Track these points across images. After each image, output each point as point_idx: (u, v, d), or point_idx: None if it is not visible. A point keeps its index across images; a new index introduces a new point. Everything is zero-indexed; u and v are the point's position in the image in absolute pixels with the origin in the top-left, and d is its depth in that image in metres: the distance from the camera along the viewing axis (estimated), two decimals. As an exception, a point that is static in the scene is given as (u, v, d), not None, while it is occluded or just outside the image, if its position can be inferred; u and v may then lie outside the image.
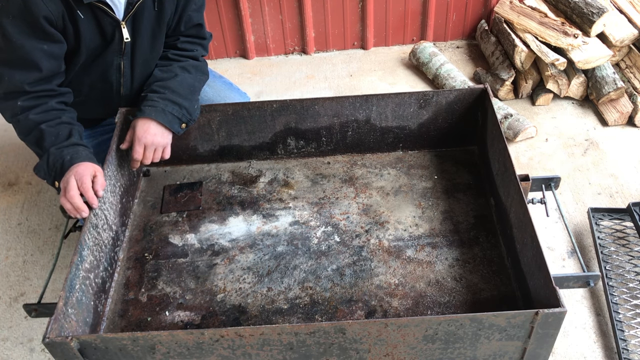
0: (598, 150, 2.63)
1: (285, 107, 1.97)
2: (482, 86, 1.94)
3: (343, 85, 3.13)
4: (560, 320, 1.33)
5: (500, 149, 1.76)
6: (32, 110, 1.73)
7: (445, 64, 3.01)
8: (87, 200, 1.63)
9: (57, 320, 1.37)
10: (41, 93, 1.75)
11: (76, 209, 1.61)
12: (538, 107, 2.87)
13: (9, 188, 2.66)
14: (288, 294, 1.68)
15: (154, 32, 1.91)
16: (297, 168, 2.06)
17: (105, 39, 1.83)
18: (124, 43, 1.85)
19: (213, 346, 1.37)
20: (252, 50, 3.30)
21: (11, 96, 1.74)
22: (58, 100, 1.79)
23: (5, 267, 2.31)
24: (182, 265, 1.77)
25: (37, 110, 1.73)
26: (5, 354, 2.04)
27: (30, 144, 1.79)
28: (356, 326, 1.34)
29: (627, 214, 2.20)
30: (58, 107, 1.78)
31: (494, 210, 1.85)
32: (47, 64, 1.72)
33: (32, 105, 1.73)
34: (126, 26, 1.82)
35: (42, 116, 1.73)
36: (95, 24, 1.77)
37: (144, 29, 1.87)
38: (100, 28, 1.79)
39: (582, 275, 1.50)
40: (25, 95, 1.73)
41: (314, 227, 1.86)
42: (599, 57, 2.67)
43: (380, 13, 3.21)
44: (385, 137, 2.06)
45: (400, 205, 1.90)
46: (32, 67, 1.70)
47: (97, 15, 1.76)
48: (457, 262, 1.73)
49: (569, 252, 2.21)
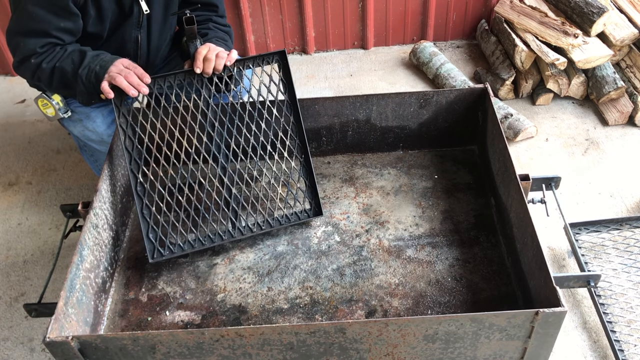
0: (598, 150, 2.63)
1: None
2: (482, 86, 1.94)
3: (343, 85, 3.13)
4: (561, 320, 1.33)
5: (501, 149, 1.76)
6: (43, 62, 1.83)
7: (445, 63, 3.01)
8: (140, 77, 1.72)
9: (58, 320, 1.37)
10: (49, 51, 1.85)
11: (136, 85, 1.70)
12: (538, 107, 2.87)
13: (9, 188, 2.66)
14: (288, 294, 1.68)
15: (167, 4, 1.97)
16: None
17: (123, 12, 1.89)
18: (142, 15, 1.91)
19: (213, 346, 1.37)
20: (252, 50, 3.30)
21: (26, 59, 1.84)
22: (60, 46, 1.87)
23: (6, 267, 2.31)
24: (182, 265, 1.77)
25: (46, 59, 1.83)
26: (6, 353, 2.04)
27: (60, 87, 1.90)
28: (356, 326, 1.34)
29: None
30: (60, 48, 1.85)
31: (494, 210, 1.85)
32: (62, 37, 1.83)
33: (42, 59, 1.83)
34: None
35: (52, 61, 1.83)
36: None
37: (158, 1, 1.94)
38: (119, 1, 1.86)
39: (582, 275, 1.50)
40: (36, 55, 1.83)
41: (314, 226, 1.86)
42: (599, 56, 2.67)
43: (380, 13, 3.21)
44: (385, 137, 2.06)
45: (401, 205, 1.90)
46: (47, 37, 1.82)
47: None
48: (457, 262, 1.73)
49: (569, 252, 2.21)
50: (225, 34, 2.06)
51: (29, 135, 2.95)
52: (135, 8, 1.90)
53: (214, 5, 2.09)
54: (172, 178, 1.81)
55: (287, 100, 1.86)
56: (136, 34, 1.96)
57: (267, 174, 1.89)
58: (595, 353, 1.92)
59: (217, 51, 1.76)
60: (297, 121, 1.86)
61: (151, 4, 1.92)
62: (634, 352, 1.85)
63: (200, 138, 1.80)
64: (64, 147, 2.85)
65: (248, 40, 3.25)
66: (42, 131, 2.96)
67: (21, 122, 3.03)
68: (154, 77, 1.75)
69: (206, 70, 1.75)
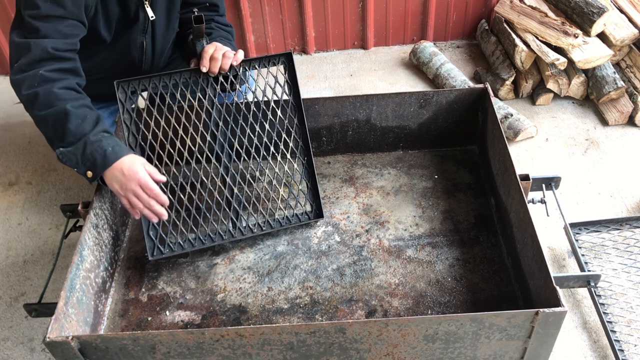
0: (598, 150, 2.63)
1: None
2: (482, 86, 1.94)
3: (343, 85, 3.13)
4: (561, 320, 1.33)
5: (501, 149, 1.76)
6: (56, 83, 1.60)
7: (445, 63, 3.01)
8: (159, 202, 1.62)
9: (58, 320, 1.37)
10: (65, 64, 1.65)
11: (159, 214, 1.63)
12: (538, 107, 2.87)
13: (9, 188, 2.66)
14: (288, 294, 1.68)
15: (169, 9, 1.97)
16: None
17: (129, 18, 1.87)
18: (148, 22, 1.90)
19: (213, 346, 1.37)
20: (252, 50, 3.30)
21: (33, 66, 1.60)
22: (78, 81, 1.69)
23: (6, 267, 2.31)
24: (182, 265, 1.77)
25: (60, 84, 1.61)
26: (6, 353, 2.04)
27: (46, 122, 1.61)
28: (356, 326, 1.34)
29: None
30: (79, 89, 1.68)
31: (494, 210, 1.85)
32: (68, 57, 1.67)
33: (56, 78, 1.61)
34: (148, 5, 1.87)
35: (65, 93, 1.61)
36: (120, 5, 1.82)
37: (160, 7, 1.93)
38: (125, 8, 1.84)
39: (582, 275, 1.50)
40: (50, 62, 1.62)
41: (314, 226, 1.86)
42: (599, 56, 2.67)
43: (380, 13, 3.21)
44: (385, 137, 2.06)
45: (401, 205, 1.90)
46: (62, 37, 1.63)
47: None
48: (457, 262, 1.73)
49: (569, 252, 2.21)
50: (228, 34, 2.06)
51: (29, 135, 2.95)
52: (141, 14, 1.88)
53: (215, 5, 2.09)
54: (174, 176, 1.81)
55: (292, 102, 1.86)
56: (141, 40, 1.94)
57: (269, 174, 1.89)
58: (595, 353, 1.92)
59: (224, 50, 1.76)
60: (301, 123, 1.86)
61: (155, 9, 1.92)
62: (634, 352, 1.85)
63: (204, 137, 1.80)
64: (64, 147, 2.85)
65: (248, 40, 3.25)
66: (42, 131, 2.96)
67: (21, 122, 3.03)
68: (159, 74, 1.75)
69: (212, 70, 1.75)
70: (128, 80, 1.73)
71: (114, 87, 1.75)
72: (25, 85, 1.60)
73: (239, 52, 1.78)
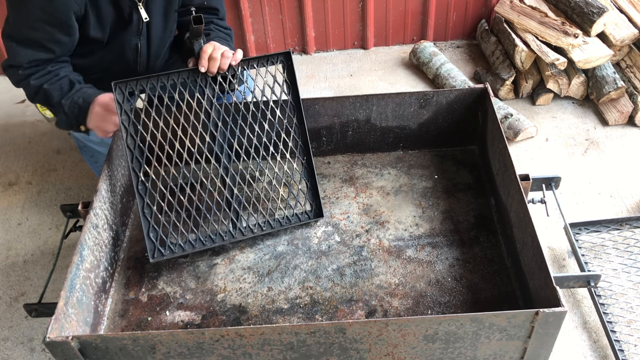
0: (598, 150, 2.63)
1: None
2: (482, 86, 1.94)
3: (343, 84, 3.13)
4: (561, 320, 1.33)
5: (501, 149, 1.76)
6: (31, 77, 1.83)
7: (445, 63, 3.01)
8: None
9: (58, 320, 1.37)
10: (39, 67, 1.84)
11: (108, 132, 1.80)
12: (538, 107, 2.87)
13: (9, 188, 2.66)
14: (288, 294, 1.68)
15: (166, 11, 1.97)
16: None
17: (123, 19, 1.89)
18: (142, 23, 1.91)
19: (213, 346, 1.37)
20: (252, 50, 3.30)
21: (14, 67, 1.84)
22: (53, 63, 1.86)
23: (6, 267, 2.31)
24: (182, 265, 1.77)
25: (35, 76, 1.83)
26: (6, 353, 2.04)
27: (40, 103, 1.91)
28: (356, 326, 1.34)
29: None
30: (53, 68, 1.85)
31: (494, 210, 1.85)
32: (56, 49, 1.83)
33: (30, 73, 1.83)
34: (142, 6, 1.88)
35: (40, 80, 1.83)
36: (113, 6, 1.84)
37: (157, 9, 1.94)
38: (118, 9, 1.86)
39: (582, 275, 1.50)
40: (24, 68, 1.83)
41: (314, 226, 1.86)
42: (599, 56, 2.67)
43: (380, 13, 3.21)
44: (385, 137, 2.06)
45: (401, 205, 1.90)
46: (39, 50, 1.81)
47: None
48: (457, 262, 1.73)
49: (569, 252, 2.21)
50: (226, 36, 2.06)
51: (29, 135, 2.95)
52: (134, 16, 1.88)
53: (215, 8, 2.09)
54: (173, 177, 1.81)
55: (291, 102, 1.86)
56: (136, 42, 1.95)
57: (269, 174, 1.89)
58: (595, 353, 1.92)
59: (223, 50, 1.74)
60: (300, 122, 1.86)
61: (151, 11, 1.92)
62: (634, 352, 1.85)
63: (203, 137, 1.79)
64: (64, 147, 2.85)
65: (248, 40, 3.25)
66: (42, 131, 2.96)
67: (21, 122, 3.04)
68: (157, 74, 1.75)
69: (211, 70, 1.74)
70: (125, 81, 1.72)
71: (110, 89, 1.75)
72: (13, 80, 1.88)
73: (238, 51, 1.78)
